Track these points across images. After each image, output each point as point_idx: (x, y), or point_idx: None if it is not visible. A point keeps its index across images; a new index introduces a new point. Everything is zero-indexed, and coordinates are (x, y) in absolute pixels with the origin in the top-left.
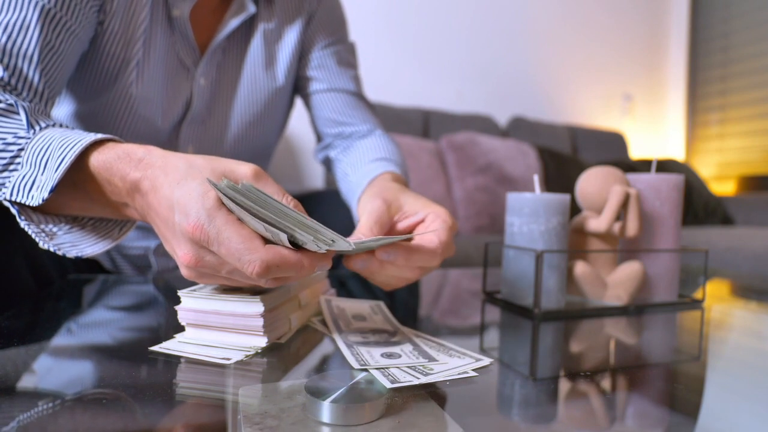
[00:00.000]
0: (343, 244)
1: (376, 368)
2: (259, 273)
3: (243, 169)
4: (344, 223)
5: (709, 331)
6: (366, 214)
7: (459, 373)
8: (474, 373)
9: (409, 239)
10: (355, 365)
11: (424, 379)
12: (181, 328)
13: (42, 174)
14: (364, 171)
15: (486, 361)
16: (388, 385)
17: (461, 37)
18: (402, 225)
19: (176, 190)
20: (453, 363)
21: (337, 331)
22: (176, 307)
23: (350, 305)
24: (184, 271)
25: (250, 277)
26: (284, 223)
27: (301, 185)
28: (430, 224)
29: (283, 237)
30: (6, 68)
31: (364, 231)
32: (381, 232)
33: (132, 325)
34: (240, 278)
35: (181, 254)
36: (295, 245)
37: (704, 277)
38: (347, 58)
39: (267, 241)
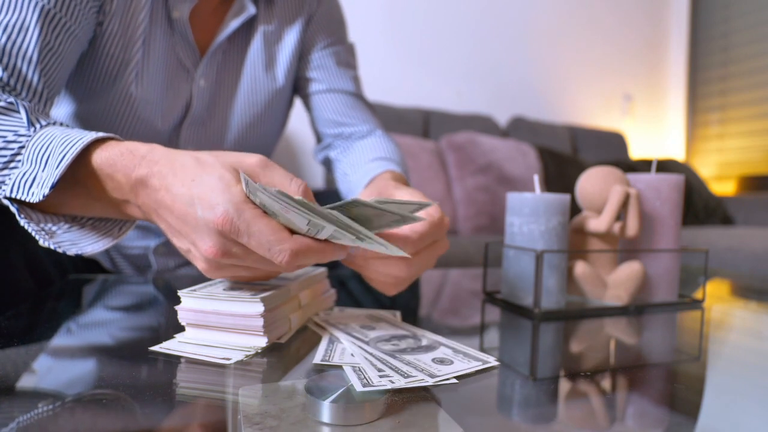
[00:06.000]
0: (378, 246)
1: (349, 365)
2: (288, 261)
3: (250, 160)
4: None
5: (709, 331)
6: None
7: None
8: (455, 380)
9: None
10: (318, 359)
11: (399, 384)
12: (181, 328)
13: (43, 171)
14: (364, 170)
15: (491, 362)
16: (359, 388)
17: (461, 38)
18: None
19: (194, 187)
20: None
21: (357, 341)
22: (176, 307)
23: (350, 315)
24: (203, 265)
25: (278, 266)
26: (329, 221)
27: None
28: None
29: (329, 230)
30: (5, 68)
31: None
32: None
33: (132, 325)
34: (263, 266)
35: (206, 247)
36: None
37: (704, 277)
38: (346, 58)
39: (292, 231)
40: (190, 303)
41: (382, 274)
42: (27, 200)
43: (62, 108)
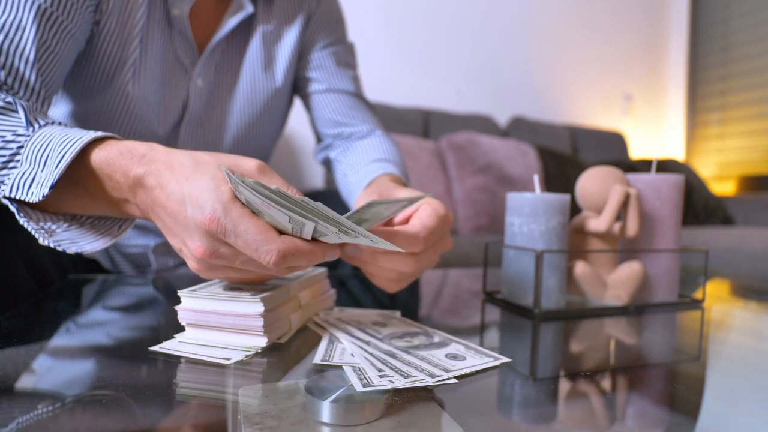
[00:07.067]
0: (363, 239)
1: (349, 365)
2: (276, 262)
3: (248, 164)
4: None
5: (709, 331)
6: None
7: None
8: (455, 380)
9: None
10: (318, 359)
11: (400, 383)
12: (181, 328)
13: (42, 171)
14: (364, 172)
15: (503, 359)
16: (359, 388)
17: (461, 37)
18: (398, 218)
19: (186, 185)
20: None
21: (365, 336)
22: (176, 307)
23: (360, 313)
24: (194, 265)
25: (265, 267)
26: (310, 215)
27: (301, 185)
28: (420, 212)
29: (310, 226)
30: (2, 67)
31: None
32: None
33: (132, 325)
34: (253, 268)
35: (195, 247)
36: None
37: (704, 277)
38: (346, 58)
39: (280, 232)
40: (190, 303)
41: (387, 270)
42: (26, 200)
43: (60, 107)
